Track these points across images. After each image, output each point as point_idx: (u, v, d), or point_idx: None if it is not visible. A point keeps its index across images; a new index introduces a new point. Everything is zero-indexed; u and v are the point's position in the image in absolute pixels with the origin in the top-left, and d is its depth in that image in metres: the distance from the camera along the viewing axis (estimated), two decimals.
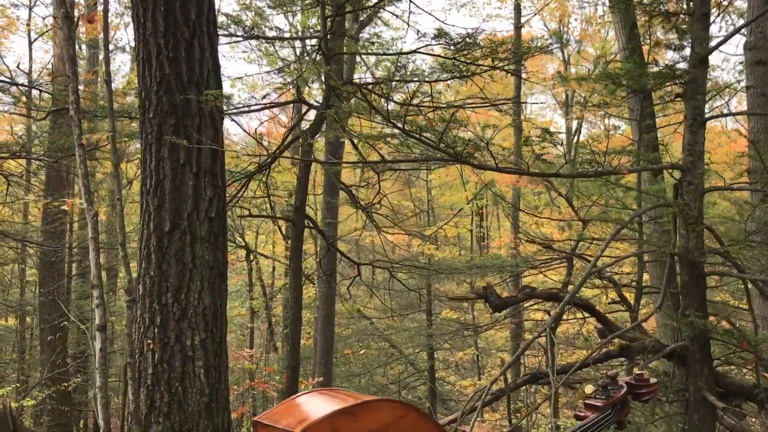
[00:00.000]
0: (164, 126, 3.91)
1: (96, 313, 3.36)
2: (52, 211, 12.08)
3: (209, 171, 3.99)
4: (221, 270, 3.98)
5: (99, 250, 3.51)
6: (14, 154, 6.91)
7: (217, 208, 3.99)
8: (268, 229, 18.38)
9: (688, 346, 3.97)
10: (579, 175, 4.31)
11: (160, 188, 3.87)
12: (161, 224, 3.84)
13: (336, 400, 1.64)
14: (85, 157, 3.49)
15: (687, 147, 4.29)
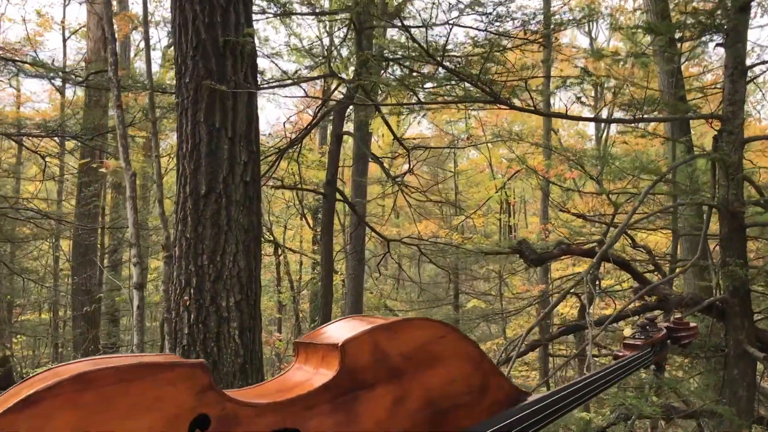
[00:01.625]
0: (200, 90, 3.96)
1: (134, 271, 3.43)
2: (86, 194, 12.32)
3: (244, 136, 4.03)
4: (256, 234, 4.02)
5: (136, 210, 3.57)
6: (51, 132, 7.04)
7: (252, 172, 4.03)
8: (295, 224, 18.54)
9: (728, 298, 3.91)
10: (617, 120, 4.26)
11: (195, 152, 3.92)
12: (197, 187, 3.89)
13: (375, 320, 1.66)
14: (123, 118, 3.55)
15: (727, 96, 4.22)
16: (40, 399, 1.12)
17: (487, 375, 1.61)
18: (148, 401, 1.20)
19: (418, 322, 1.57)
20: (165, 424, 1.20)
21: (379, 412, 1.44)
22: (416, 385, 1.50)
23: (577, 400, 1.71)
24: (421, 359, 1.52)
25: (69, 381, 1.15)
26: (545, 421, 1.64)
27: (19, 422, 1.09)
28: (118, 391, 1.17)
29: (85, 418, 1.14)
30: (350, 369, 1.44)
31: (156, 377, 1.22)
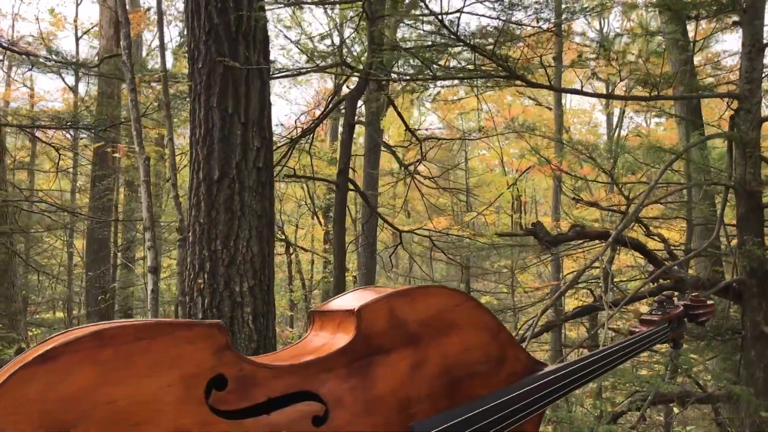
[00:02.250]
0: (212, 75, 3.96)
1: (148, 255, 3.44)
2: (99, 188, 12.39)
3: (257, 122, 4.03)
4: (269, 220, 4.03)
5: (150, 194, 3.58)
6: (65, 123, 7.08)
7: (264, 158, 4.03)
8: (306, 223, 18.59)
9: (745, 280, 3.87)
10: (634, 98, 4.22)
11: (209, 137, 3.93)
12: (210, 173, 3.90)
13: (391, 288, 1.65)
14: (136, 102, 3.57)
15: (744, 74, 4.17)
16: (58, 354, 1.12)
17: (504, 345, 1.60)
18: (167, 359, 1.20)
19: (435, 289, 1.56)
20: (183, 383, 1.20)
21: (395, 377, 1.43)
22: (433, 352, 1.49)
23: (594, 372, 1.71)
24: (437, 327, 1.52)
25: (88, 337, 1.15)
26: (562, 391, 1.63)
27: (38, 376, 1.10)
28: (136, 349, 1.18)
29: (104, 375, 1.14)
30: (366, 334, 1.43)
31: (174, 336, 1.22)
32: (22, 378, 1.09)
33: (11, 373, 1.09)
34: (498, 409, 1.48)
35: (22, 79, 16.78)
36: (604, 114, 22.73)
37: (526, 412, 1.53)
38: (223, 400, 1.24)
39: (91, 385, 1.13)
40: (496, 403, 1.48)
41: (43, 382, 1.10)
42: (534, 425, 1.63)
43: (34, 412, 1.08)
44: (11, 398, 1.07)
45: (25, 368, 1.10)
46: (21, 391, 1.08)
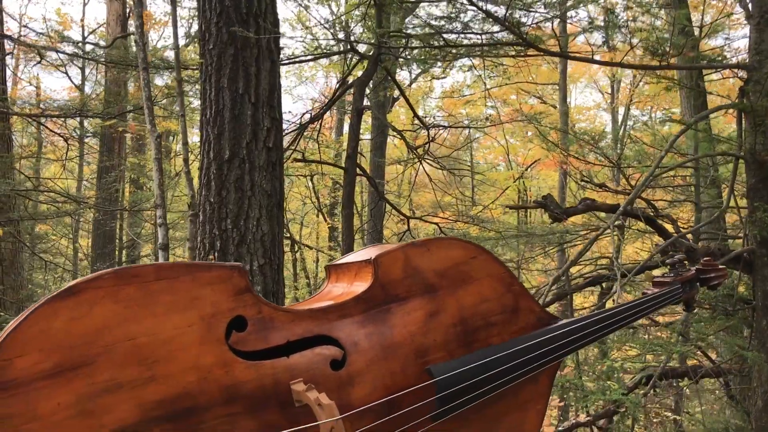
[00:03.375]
0: (223, 56, 3.98)
1: (159, 232, 3.46)
2: (107, 180, 12.45)
3: (267, 102, 4.05)
4: (279, 200, 4.04)
5: (162, 171, 3.60)
6: (76, 111, 7.11)
7: (274, 138, 4.05)
8: (311, 221, 18.62)
9: (756, 249, 3.85)
10: (644, 66, 4.20)
11: (219, 117, 3.95)
12: (221, 152, 3.92)
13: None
14: (148, 81, 3.59)
15: (753, 46, 4.16)
16: (82, 290, 1.14)
17: (518, 297, 1.61)
18: (187, 300, 1.21)
19: (451, 241, 1.57)
20: (203, 323, 1.22)
21: (411, 324, 1.44)
22: (449, 301, 1.50)
23: (608, 327, 1.71)
24: (454, 277, 1.53)
25: (110, 275, 1.16)
26: (577, 343, 1.64)
27: (61, 311, 1.11)
28: (157, 288, 1.19)
29: (125, 312, 1.16)
30: (383, 282, 1.45)
31: (194, 277, 1.23)
32: (47, 312, 1.10)
33: (37, 306, 1.11)
34: (513, 356, 1.49)
35: (28, 78, 16.85)
36: (608, 112, 22.65)
37: (540, 362, 1.54)
38: (243, 341, 1.25)
39: (112, 322, 1.14)
40: (512, 351, 1.49)
41: (67, 317, 1.11)
42: (548, 377, 1.64)
43: (57, 345, 1.10)
44: (36, 330, 1.09)
45: (49, 302, 1.11)
46: (45, 324, 1.10)
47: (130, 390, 1.13)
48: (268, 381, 1.25)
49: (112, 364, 1.13)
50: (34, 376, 1.07)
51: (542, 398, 1.63)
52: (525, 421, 1.59)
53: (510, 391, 1.55)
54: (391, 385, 1.36)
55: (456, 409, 1.41)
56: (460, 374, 1.41)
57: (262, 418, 1.22)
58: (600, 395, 2.50)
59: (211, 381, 1.20)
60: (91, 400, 1.10)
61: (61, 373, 1.09)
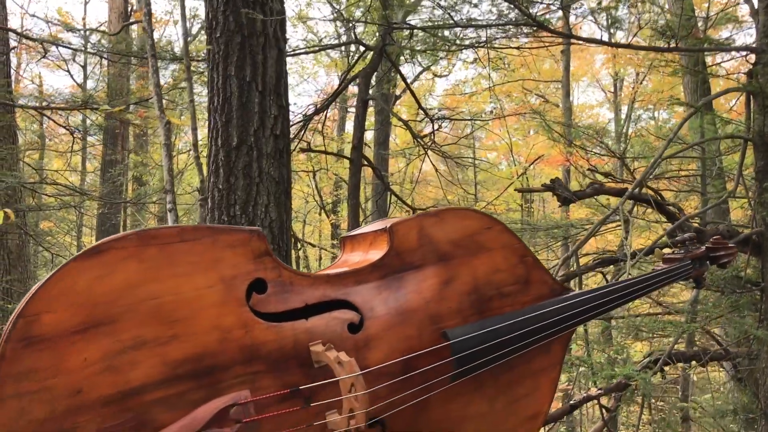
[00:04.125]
0: (230, 44, 3.99)
1: (168, 217, 3.48)
2: (113, 174, 12.48)
3: (274, 90, 4.06)
4: (286, 187, 4.06)
5: (171, 156, 3.63)
6: (82, 103, 7.13)
7: (282, 126, 4.06)
8: (314, 219, 18.66)
9: (764, 232, 3.86)
10: (652, 48, 4.20)
11: (227, 105, 3.97)
12: (229, 139, 3.93)
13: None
14: (156, 68, 3.61)
15: (762, 29, 4.17)
16: (107, 249, 1.16)
17: (531, 268, 1.63)
18: (208, 261, 1.24)
19: (465, 212, 1.59)
20: (223, 284, 1.24)
21: (426, 291, 1.47)
22: (463, 270, 1.53)
23: (619, 299, 1.73)
24: (467, 247, 1.55)
25: (134, 235, 1.19)
26: (588, 314, 1.66)
27: (86, 269, 1.13)
28: (179, 249, 1.21)
29: (148, 272, 1.18)
30: (399, 250, 1.47)
31: (215, 239, 1.26)
32: (72, 270, 1.13)
33: (63, 265, 1.13)
34: (527, 323, 1.51)
35: (31, 76, 16.88)
36: (611, 111, 22.60)
37: (553, 330, 1.56)
38: (263, 303, 1.27)
39: (136, 281, 1.17)
40: (525, 318, 1.52)
41: (92, 275, 1.14)
42: (561, 347, 1.66)
43: (83, 302, 1.12)
44: (62, 287, 1.11)
45: (75, 261, 1.14)
46: (71, 281, 1.12)
47: (154, 348, 1.16)
48: (287, 342, 1.27)
49: (136, 323, 1.15)
50: (61, 332, 1.10)
51: (555, 368, 1.65)
52: (538, 388, 1.61)
53: (524, 358, 1.57)
54: (407, 348, 1.39)
55: (471, 371, 1.44)
56: (475, 337, 1.43)
57: (282, 377, 1.24)
58: (609, 370, 2.52)
59: (232, 341, 1.22)
60: (117, 357, 1.13)
61: (86, 329, 1.12)
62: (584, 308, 1.63)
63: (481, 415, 1.52)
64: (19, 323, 1.08)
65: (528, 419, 1.60)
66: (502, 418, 1.56)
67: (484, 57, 6.82)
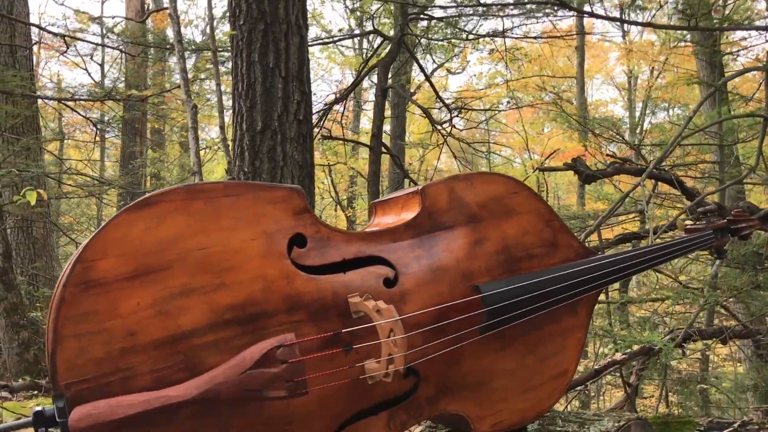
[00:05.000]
0: (254, 32, 4.06)
1: None
2: (133, 166, 12.62)
3: (296, 76, 4.12)
4: (309, 171, 4.12)
5: (198, 139, 3.70)
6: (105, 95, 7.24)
7: (304, 111, 4.12)
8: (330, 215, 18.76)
9: None
10: (673, 27, 4.20)
11: (251, 90, 4.03)
12: (253, 124, 4.00)
13: None
14: (183, 53, 3.68)
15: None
16: (156, 201, 1.22)
17: (558, 232, 1.68)
18: (251, 215, 1.30)
19: (494, 176, 1.64)
20: (266, 238, 1.30)
21: (457, 250, 1.52)
22: (492, 232, 1.57)
23: (642, 263, 1.77)
24: (496, 210, 1.60)
25: (181, 189, 1.25)
26: (613, 275, 1.70)
27: (138, 220, 1.20)
28: (224, 204, 1.27)
29: (195, 224, 1.24)
30: (430, 211, 1.52)
31: (258, 195, 1.31)
32: (124, 220, 1.19)
33: (115, 216, 1.19)
34: (555, 280, 1.56)
35: (49, 75, 17.09)
36: (625, 109, 22.44)
37: (580, 289, 1.61)
38: (303, 256, 1.33)
39: (184, 232, 1.23)
40: (553, 276, 1.56)
41: (143, 226, 1.20)
42: (587, 309, 1.70)
43: (134, 251, 1.18)
44: (116, 236, 1.17)
45: (126, 212, 1.20)
46: (124, 230, 1.18)
47: (202, 295, 1.22)
48: (327, 294, 1.33)
49: (185, 271, 1.22)
50: (115, 278, 1.16)
51: (581, 329, 1.69)
52: (565, 348, 1.66)
53: (552, 318, 1.62)
54: (440, 303, 1.44)
55: (500, 325, 1.49)
56: (506, 291, 1.48)
57: (323, 326, 1.30)
58: (632, 338, 2.56)
59: (275, 290, 1.28)
60: (167, 303, 1.19)
61: (138, 276, 1.18)
62: (610, 269, 1.67)
63: (511, 370, 1.58)
64: (77, 268, 1.14)
65: (555, 377, 1.65)
66: (531, 374, 1.61)
67: (500, 49, 6.85)
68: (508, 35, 6.10)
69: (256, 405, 1.22)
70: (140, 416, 1.11)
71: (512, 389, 1.59)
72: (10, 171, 5.16)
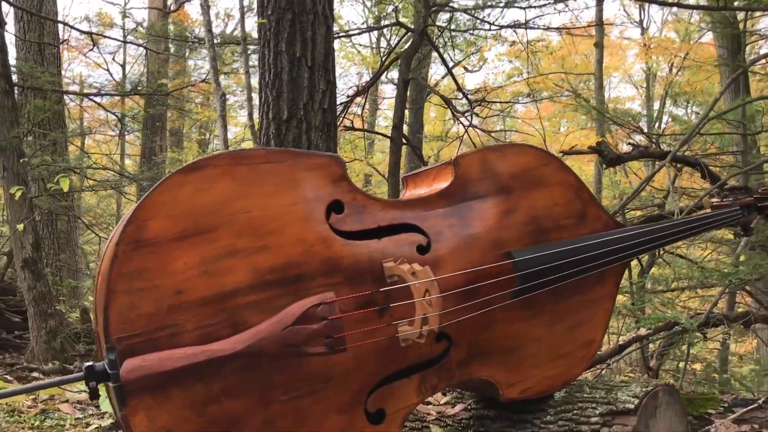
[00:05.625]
0: (282, 21, 4.12)
1: None
2: (156, 161, 12.77)
3: (322, 66, 4.17)
4: None
5: (226, 127, 3.77)
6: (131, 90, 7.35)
7: (330, 100, 4.17)
8: None
9: None
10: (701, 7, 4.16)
11: (278, 80, 4.09)
12: (279, 113, 4.06)
13: None
14: (212, 42, 3.75)
15: None
16: (204, 165, 1.27)
17: (587, 204, 1.71)
18: (291, 181, 1.35)
19: (525, 147, 1.68)
20: (306, 203, 1.35)
21: (488, 219, 1.56)
22: (523, 202, 1.61)
23: (671, 236, 1.80)
24: (526, 181, 1.63)
25: (226, 155, 1.30)
26: (641, 246, 1.73)
27: (186, 182, 1.25)
28: (267, 170, 1.33)
29: (239, 188, 1.29)
30: (463, 181, 1.56)
31: (298, 162, 1.36)
32: (174, 183, 1.25)
33: (164, 179, 1.25)
34: (585, 249, 1.60)
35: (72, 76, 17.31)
36: (643, 108, 22.25)
37: (608, 258, 1.64)
38: (340, 222, 1.38)
39: (230, 196, 1.28)
40: (583, 245, 1.60)
41: (192, 188, 1.25)
42: (615, 280, 1.73)
43: (183, 212, 1.24)
44: (165, 198, 1.23)
45: (175, 175, 1.26)
46: (173, 193, 1.24)
47: (246, 256, 1.27)
48: (363, 258, 1.38)
49: (230, 233, 1.27)
50: (164, 238, 1.22)
51: (609, 299, 1.73)
52: (593, 317, 1.69)
53: (580, 288, 1.66)
54: (472, 269, 1.48)
55: (531, 290, 1.53)
56: (537, 257, 1.52)
57: (359, 289, 1.35)
58: (656, 317, 2.58)
59: (314, 254, 1.33)
60: (213, 263, 1.24)
61: (187, 237, 1.24)
62: (639, 241, 1.70)
63: (541, 338, 1.61)
64: (129, 228, 1.20)
65: (583, 345, 1.69)
66: (559, 342, 1.64)
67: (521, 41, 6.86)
68: (530, 26, 6.12)
69: (297, 361, 1.27)
70: (188, 369, 1.17)
71: (541, 357, 1.63)
72: (43, 161, 5.26)
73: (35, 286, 4.49)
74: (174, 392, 1.18)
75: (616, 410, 1.52)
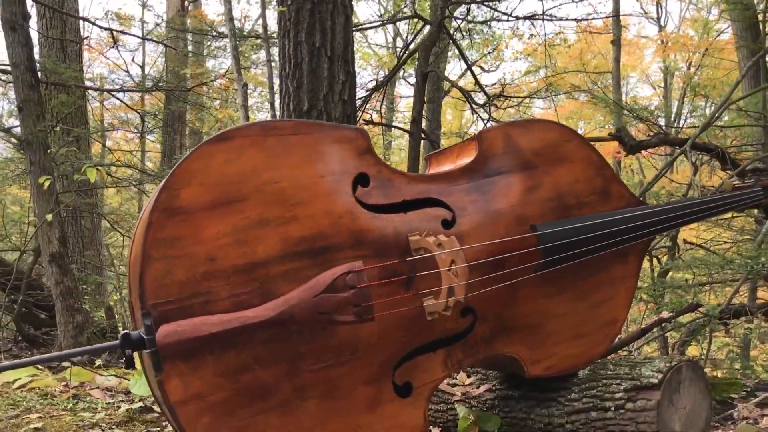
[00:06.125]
0: (301, 12, 4.15)
1: None
2: (176, 159, 12.85)
3: (342, 56, 4.20)
4: None
5: (248, 117, 3.81)
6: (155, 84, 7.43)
7: (349, 92, 4.20)
8: None
9: None
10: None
11: (298, 71, 4.12)
12: (300, 104, 4.09)
13: None
14: (234, 31, 3.79)
15: None
16: (233, 136, 1.30)
17: (609, 181, 1.72)
18: (319, 153, 1.37)
19: (548, 124, 1.69)
20: (333, 176, 1.37)
21: (512, 195, 1.57)
22: (546, 179, 1.63)
23: (693, 214, 1.80)
24: (550, 157, 1.65)
25: (257, 125, 1.33)
26: (664, 224, 1.74)
27: (217, 152, 1.28)
28: (294, 141, 1.35)
29: (268, 159, 1.32)
30: (486, 156, 1.58)
31: (324, 134, 1.39)
32: (204, 152, 1.28)
33: (195, 149, 1.28)
34: (607, 224, 1.61)
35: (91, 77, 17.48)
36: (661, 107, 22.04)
37: (631, 235, 1.65)
38: (366, 195, 1.40)
39: (259, 166, 1.31)
40: (605, 220, 1.61)
41: (223, 158, 1.28)
42: (637, 258, 1.74)
43: (214, 182, 1.27)
44: (196, 167, 1.26)
45: (205, 145, 1.29)
46: (205, 161, 1.27)
47: (276, 227, 1.30)
48: (389, 231, 1.40)
49: (261, 203, 1.29)
50: (197, 206, 1.25)
51: (631, 278, 1.73)
52: (616, 296, 1.70)
53: (603, 266, 1.67)
54: (498, 240, 1.50)
55: (555, 264, 1.54)
56: (561, 231, 1.53)
57: (385, 261, 1.37)
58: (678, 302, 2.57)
59: (342, 226, 1.35)
60: (244, 232, 1.27)
61: (218, 206, 1.26)
62: (662, 218, 1.71)
63: (564, 314, 1.63)
64: (163, 195, 1.22)
65: (606, 324, 1.69)
66: (583, 320, 1.65)
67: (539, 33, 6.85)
68: (547, 18, 6.12)
69: (326, 332, 1.29)
70: (221, 335, 1.19)
71: (564, 334, 1.64)
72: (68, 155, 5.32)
73: (62, 281, 4.54)
74: (207, 359, 1.20)
75: (641, 385, 1.53)
